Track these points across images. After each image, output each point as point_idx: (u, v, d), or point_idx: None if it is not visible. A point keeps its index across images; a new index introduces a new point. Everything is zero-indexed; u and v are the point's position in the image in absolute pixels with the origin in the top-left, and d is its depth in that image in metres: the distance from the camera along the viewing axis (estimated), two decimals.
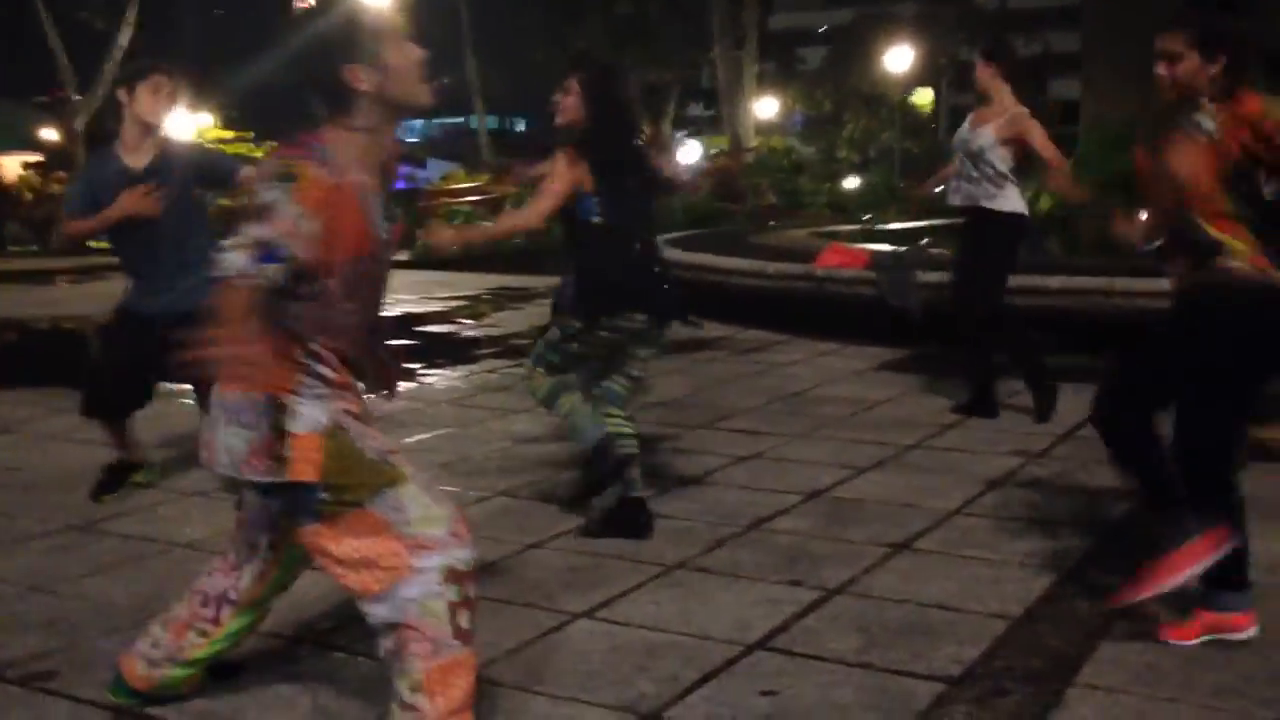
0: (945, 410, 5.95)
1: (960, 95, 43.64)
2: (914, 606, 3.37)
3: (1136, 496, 3.40)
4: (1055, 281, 7.19)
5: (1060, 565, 3.66)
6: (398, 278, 4.45)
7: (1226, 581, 3.08)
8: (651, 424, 5.84)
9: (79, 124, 22.95)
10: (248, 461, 2.45)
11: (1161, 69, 3.13)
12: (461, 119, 59.02)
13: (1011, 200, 5.73)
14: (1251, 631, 3.07)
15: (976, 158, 5.70)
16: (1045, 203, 11.04)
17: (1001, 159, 5.68)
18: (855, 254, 8.56)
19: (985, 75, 5.81)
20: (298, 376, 2.46)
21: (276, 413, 2.43)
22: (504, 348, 8.69)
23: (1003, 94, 5.75)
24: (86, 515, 4.43)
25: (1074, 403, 5.93)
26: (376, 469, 2.48)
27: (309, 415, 2.45)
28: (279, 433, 2.42)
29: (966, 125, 5.90)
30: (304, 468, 2.43)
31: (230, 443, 2.46)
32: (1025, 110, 5.70)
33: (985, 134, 5.69)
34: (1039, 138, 5.63)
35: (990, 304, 5.76)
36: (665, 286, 4.14)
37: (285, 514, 2.58)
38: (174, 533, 4.20)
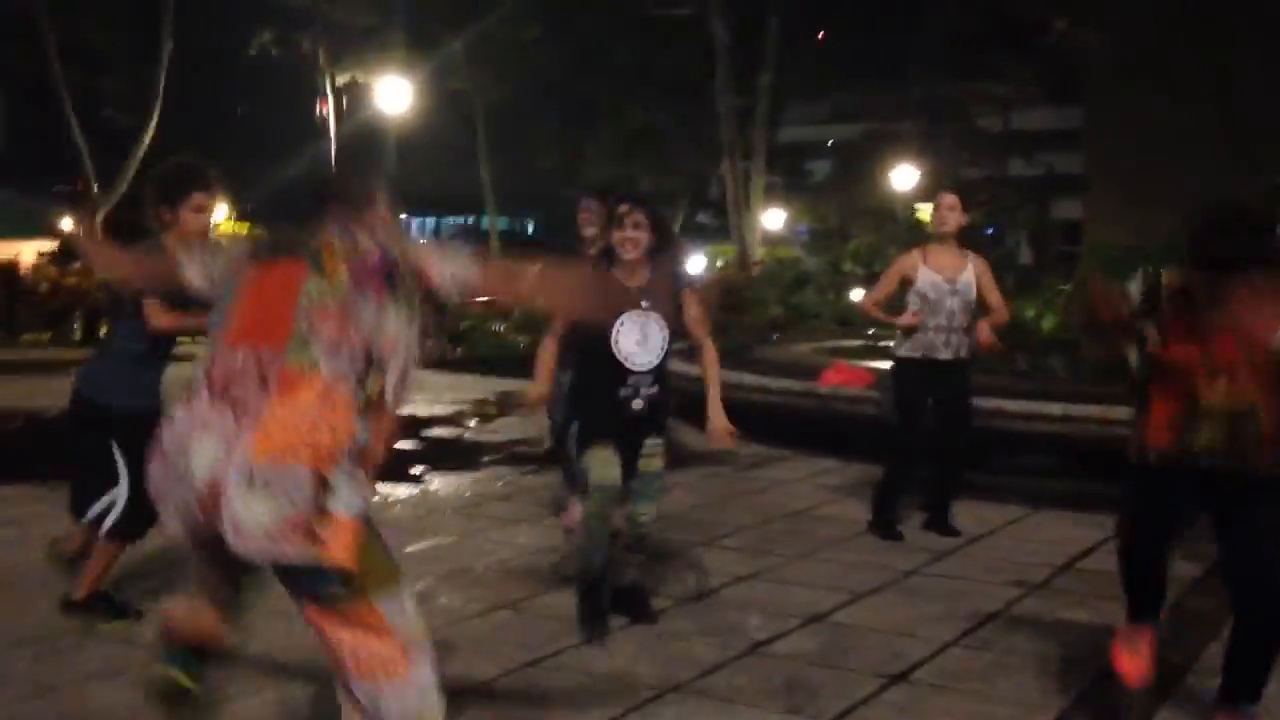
0: (943, 535, 5.98)
1: (964, 214, 44.19)
2: None
3: None
4: (1056, 408, 7.26)
5: (1056, 705, 3.67)
6: None
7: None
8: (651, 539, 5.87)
9: (99, 216, 23.35)
10: (274, 537, 2.32)
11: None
12: (472, 218, 59.85)
13: None
14: None
15: (970, 306, 5.88)
16: (1049, 324, 11.19)
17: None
18: (858, 373, 8.67)
19: (957, 218, 5.97)
20: (340, 453, 2.39)
21: (320, 489, 2.33)
22: (508, 454, 8.75)
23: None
24: (90, 617, 4.44)
25: (1072, 533, 5.98)
26: (389, 564, 2.45)
27: (349, 497, 2.37)
28: (319, 511, 2.33)
29: (939, 277, 5.87)
30: (341, 553, 2.35)
31: (255, 510, 2.31)
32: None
33: (969, 280, 5.88)
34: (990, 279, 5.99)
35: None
36: None
37: (294, 590, 2.48)
38: None
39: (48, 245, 27.60)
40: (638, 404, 4.33)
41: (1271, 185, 10.90)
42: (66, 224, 30.53)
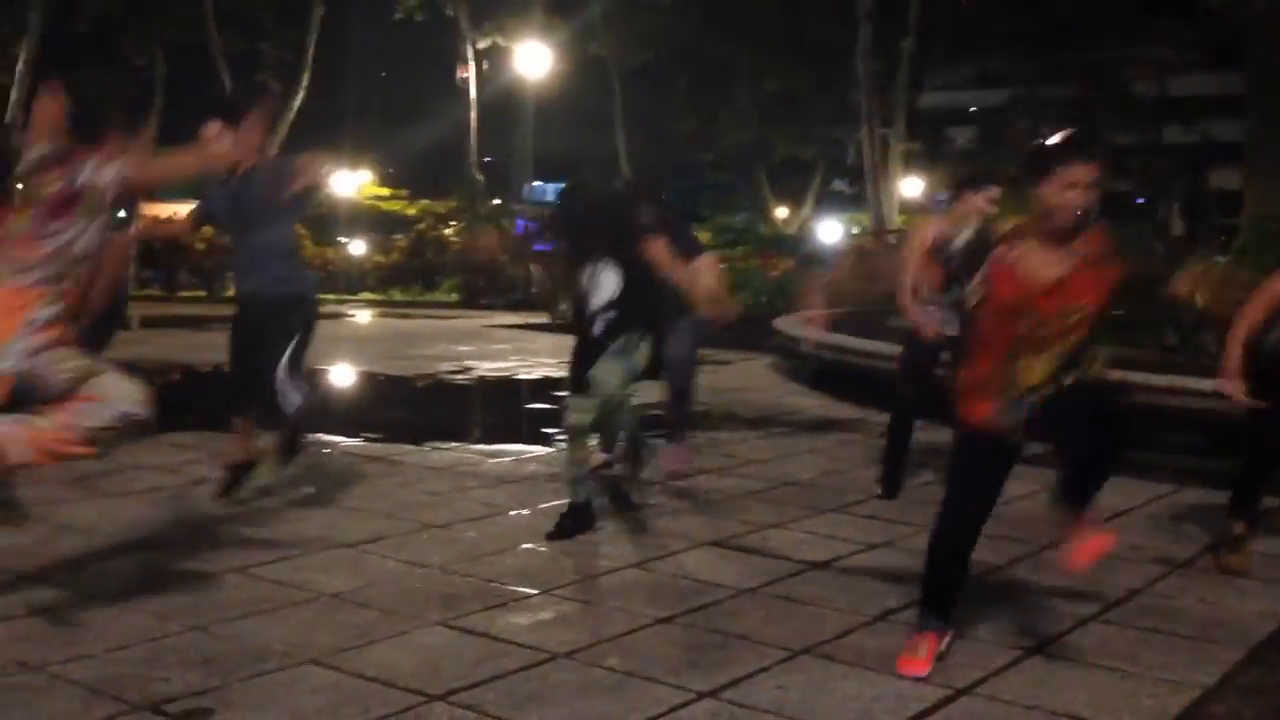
0: None
1: (1114, 182, 42.64)
2: (1043, 714, 3.33)
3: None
4: (1207, 385, 6.98)
5: (1199, 683, 3.57)
6: (539, 341, 4.78)
7: None
8: (782, 504, 5.88)
9: None
10: None
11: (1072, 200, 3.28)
12: None
13: None
14: None
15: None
16: (1201, 298, 10.77)
17: None
18: None
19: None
20: (11, 333, 3.77)
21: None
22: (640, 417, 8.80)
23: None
24: (243, 559, 4.67)
25: (1219, 512, 5.77)
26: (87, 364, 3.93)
27: (9, 362, 3.76)
28: None
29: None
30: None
31: None
32: None
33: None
34: None
35: None
36: None
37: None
38: (322, 582, 4.41)
39: None
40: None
41: None
42: None
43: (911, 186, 35.30)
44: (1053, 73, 37.18)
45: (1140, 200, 43.48)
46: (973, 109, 45.34)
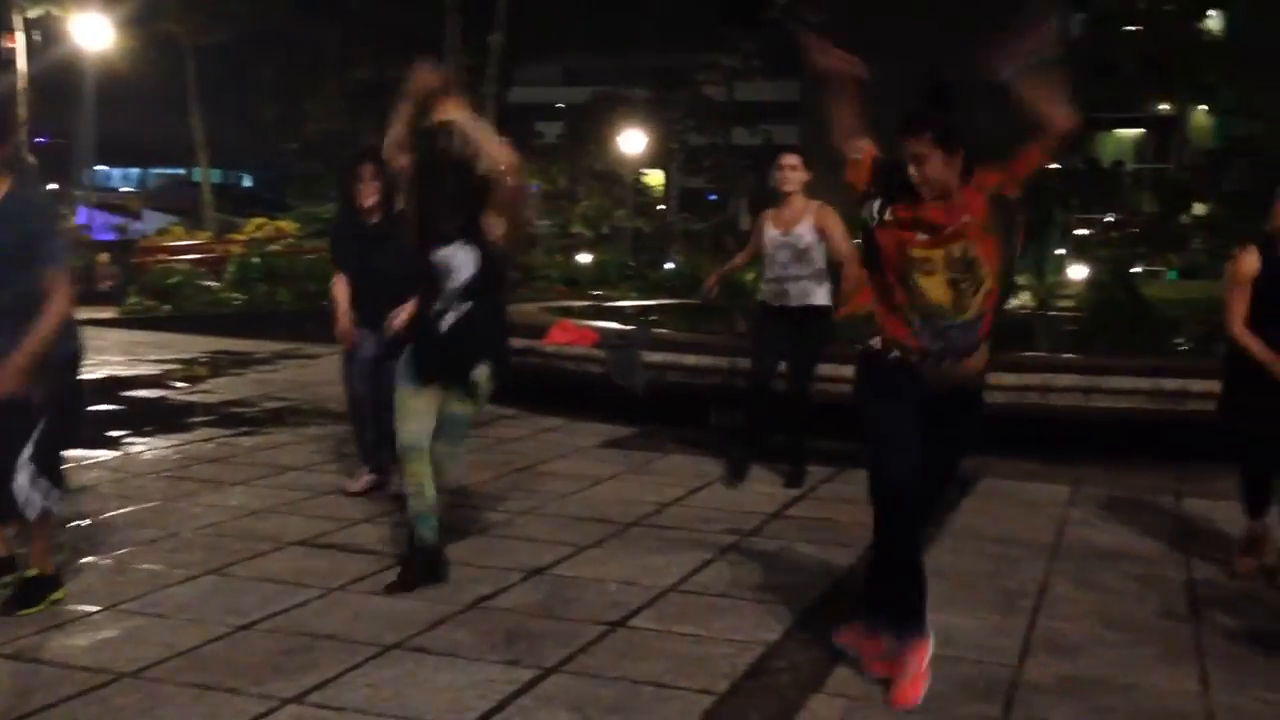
0: (664, 488, 6.15)
1: (689, 179, 45.57)
2: (627, 684, 3.46)
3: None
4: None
5: (764, 640, 3.85)
6: (104, 336, 4.29)
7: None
8: (372, 500, 5.75)
9: None
10: None
11: (914, 172, 3.37)
12: (183, 170, 56.44)
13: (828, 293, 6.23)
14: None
15: (804, 255, 6.10)
16: None
17: (821, 254, 6.15)
18: (584, 332, 8.76)
19: (799, 177, 6.18)
20: None
21: None
22: (220, 416, 8.34)
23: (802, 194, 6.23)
24: None
25: (772, 482, 6.28)
26: None
27: None
28: None
29: (773, 227, 6.21)
30: None
31: None
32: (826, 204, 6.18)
33: (806, 231, 6.08)
34: (838, 230, 6.11)
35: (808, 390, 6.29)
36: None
37: None
38: None
39: None
40: None
41: None
42: None
43: None
44: (633, 74, 39.05)
45: (712, 196, 46.69)
46: (560, 105, 46.77)
